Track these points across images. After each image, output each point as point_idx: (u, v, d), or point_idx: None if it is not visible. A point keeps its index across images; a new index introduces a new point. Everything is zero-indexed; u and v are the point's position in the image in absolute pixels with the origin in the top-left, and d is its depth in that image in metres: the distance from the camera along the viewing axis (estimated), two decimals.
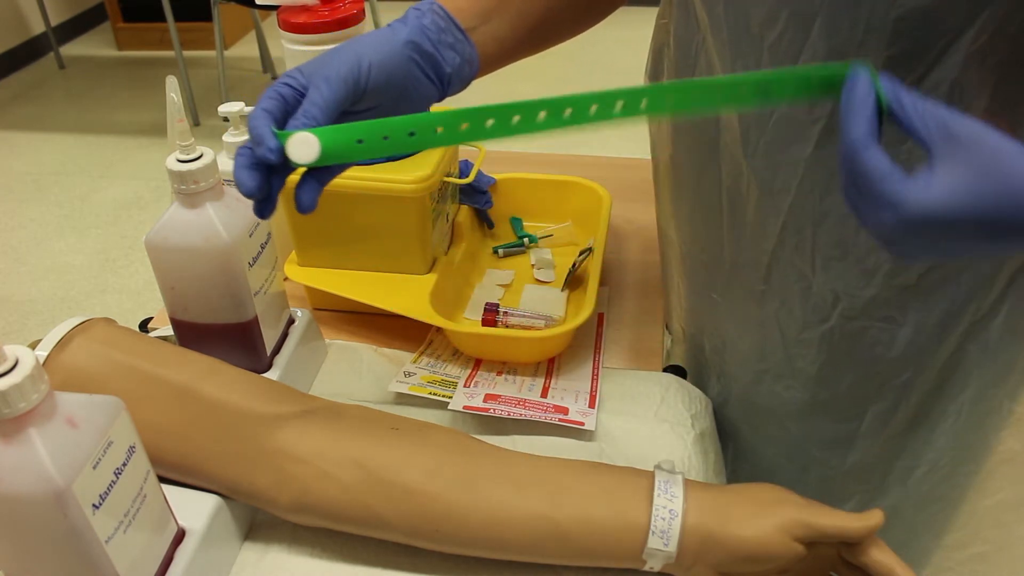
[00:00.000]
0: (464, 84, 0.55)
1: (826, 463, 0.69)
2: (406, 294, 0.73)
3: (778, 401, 0.68)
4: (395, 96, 0.51)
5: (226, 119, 0.76)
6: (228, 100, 0.78)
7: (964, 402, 0.62)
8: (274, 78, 3.17)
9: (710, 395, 0.74)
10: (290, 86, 0.48)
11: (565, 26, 0.61)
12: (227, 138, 0.76)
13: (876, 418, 0.65)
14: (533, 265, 0.86)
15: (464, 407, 0.63)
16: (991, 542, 0.69)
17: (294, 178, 0.50)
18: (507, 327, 0.73)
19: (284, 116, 0.48)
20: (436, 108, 0.56)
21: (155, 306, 0.79)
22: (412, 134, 0.47)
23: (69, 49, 3.61)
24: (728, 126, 0.59)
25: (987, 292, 0.57)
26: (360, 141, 0.46)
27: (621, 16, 0.69)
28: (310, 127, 0.46)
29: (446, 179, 0.75)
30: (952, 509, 0.69)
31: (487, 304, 0.75)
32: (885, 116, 0.40)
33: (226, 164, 0.76)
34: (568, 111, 0.46)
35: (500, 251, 0.88)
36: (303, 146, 0.45)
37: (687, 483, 0.52)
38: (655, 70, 0.70)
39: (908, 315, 0.58)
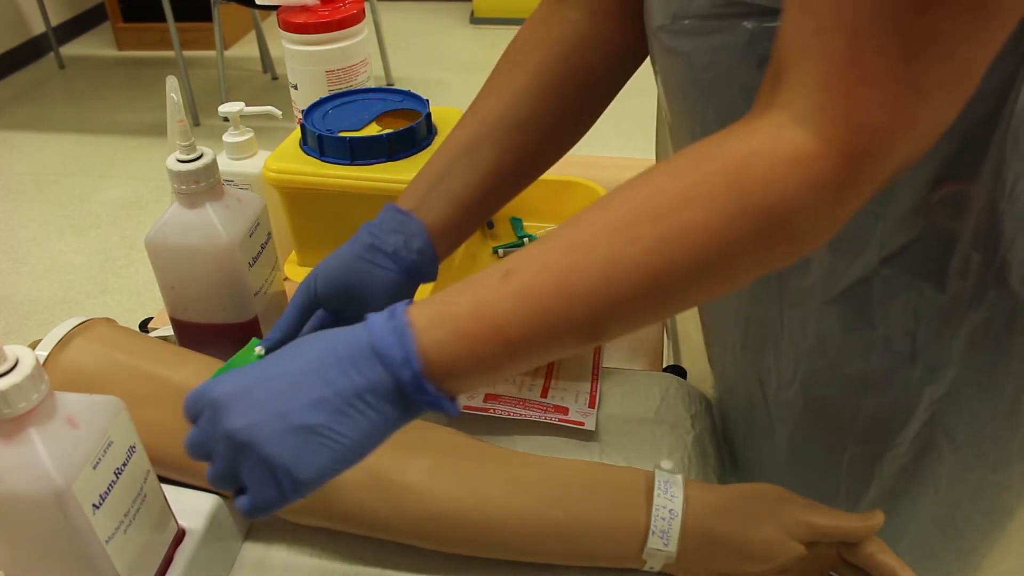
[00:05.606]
0: (427, 258, 0.56)
1: None
2: None
3: (758, 460, 0.68)
4: (348, 294, 0.54)
5: (226, 119, 0.76)
6: (228, 100, 0.78)
7: (941, 478, 0.58)
8: (274, 78, 3.18)
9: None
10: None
11: (534, 162, 0.64)
12: (227, 138, 0.76)
13: (850, 493, 0.62)
14: None
15: (464, 407, 0.63)
16: None
17: None
18: None
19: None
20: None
21: (155, 306, 0.79)
22: None
23: (69, 49, 3.60)
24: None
25: (941, 374, 0.53)
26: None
27: None
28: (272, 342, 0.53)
29: None
30: None
31: None
32: None
33: (226, 164, 0.76)
34: None
35: (500, 251, 0.87)
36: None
37: (687, 483, 0.52)
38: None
39: (865, 392, 0.56)
